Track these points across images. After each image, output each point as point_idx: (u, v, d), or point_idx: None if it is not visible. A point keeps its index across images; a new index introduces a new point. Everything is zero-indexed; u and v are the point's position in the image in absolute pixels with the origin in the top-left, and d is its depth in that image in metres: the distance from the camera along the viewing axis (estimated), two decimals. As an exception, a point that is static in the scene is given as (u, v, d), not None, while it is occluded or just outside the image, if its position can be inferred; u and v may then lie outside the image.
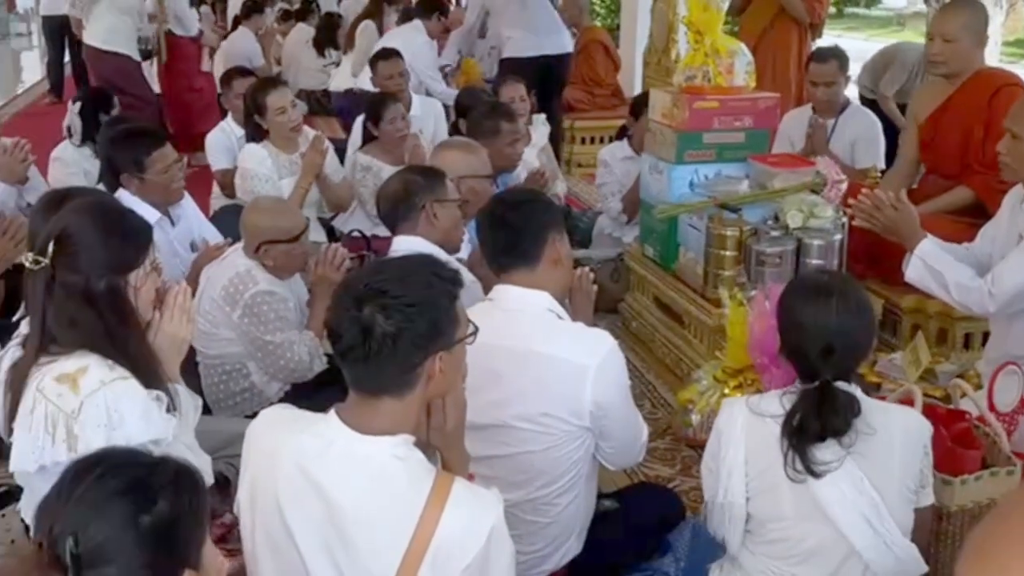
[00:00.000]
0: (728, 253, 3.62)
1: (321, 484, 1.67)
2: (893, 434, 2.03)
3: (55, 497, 1.36)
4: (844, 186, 3.70)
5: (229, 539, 2.74)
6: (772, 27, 6.27)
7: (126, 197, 3.41)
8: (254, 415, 2.63)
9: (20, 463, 2.03)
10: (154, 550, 1.33)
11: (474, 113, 4.34)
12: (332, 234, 4.80)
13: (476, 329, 1.80)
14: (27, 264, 2.03)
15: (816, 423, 1.97)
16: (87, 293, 2.01)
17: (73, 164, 4.37)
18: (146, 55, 7.01)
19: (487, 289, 2.47)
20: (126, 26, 6.64)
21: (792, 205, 3.55)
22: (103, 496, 1.34)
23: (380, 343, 1.64)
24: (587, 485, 2.37)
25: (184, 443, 2.17)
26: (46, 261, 2.01)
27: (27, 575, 1.32)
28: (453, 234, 3.10)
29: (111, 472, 1.36)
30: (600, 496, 2.52)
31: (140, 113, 6.57)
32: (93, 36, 6.58)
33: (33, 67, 12.73)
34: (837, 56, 4.65)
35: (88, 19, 6.59)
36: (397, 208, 3.05)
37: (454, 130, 5.04)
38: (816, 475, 1.97)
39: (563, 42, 6.76)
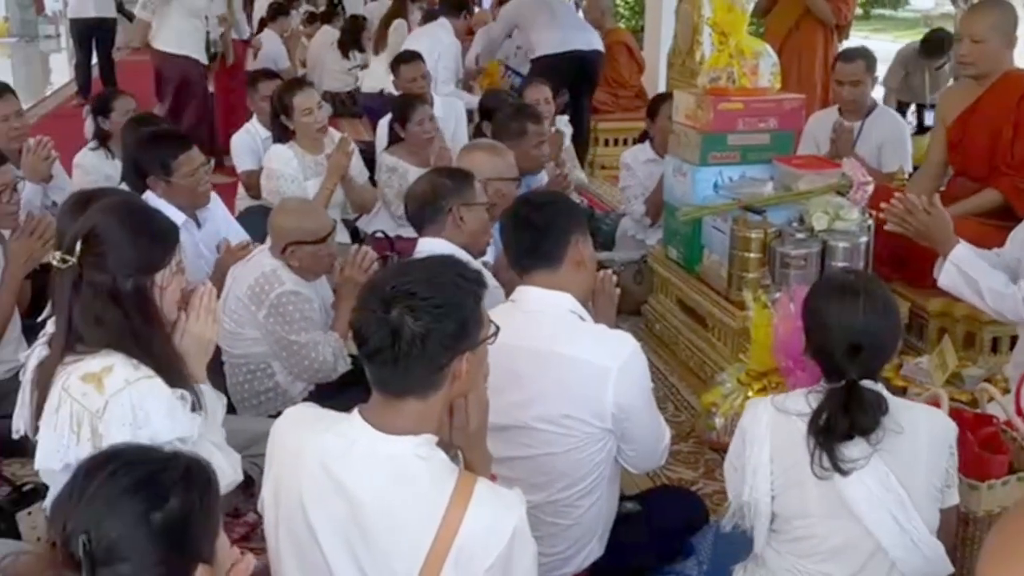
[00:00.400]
0: (752, 255, 3.60)
1: (344, 483, 1.68)
2: (919, 432, 2.02)
3: (68, 495, 1.37)
4: (870, 188, 3.66)
5: (252, 538, 2.75)
6: (797, 28, 6.23)
7: (152, 199, 3.44)
8: (278, 415, 2.64)
9: (45, 461, 2.05)
10: (167, 546, 1.34)
11: (500, 115, 4.34)
12: (356, 235, 4.82)
13: (497, 329, 1.80)
14: (55, 263, 2.05)
15: (844, 421, 1.97)
16: (113, 292, 2.03)
17: (93, 170, 4.40)
18: (212, 58, 7.08)
19: (509, 295, 2.47)
20: (196, 29, 6.71)
21: (817, 207, 3.52)
22: (115, 493, 1.34)
23: (409, 344, 1.64)
24: (609, 488, 2.36)
25: (212, 441, 2.19)
26: (73, 260, 2.03)
27: (42, 573, 1.32)
28: (480, 237, 3.10)
29: (122, 469, 1.37)
30: (623, 499, 2.52)
31: (198, 116, 6.66)
32: (164, 40, 6.63)
33: (61, 69, 12.87)
34: (864, 56, 4.62)
35: (158, 23, 6.63)
36: (424, 210, 3.05)
37: (477, 132, 5.04)
38: (844, 472, 1.97)
39: (593, 39, 6.81)
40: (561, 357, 2.21)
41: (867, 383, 2.02)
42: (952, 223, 2.96)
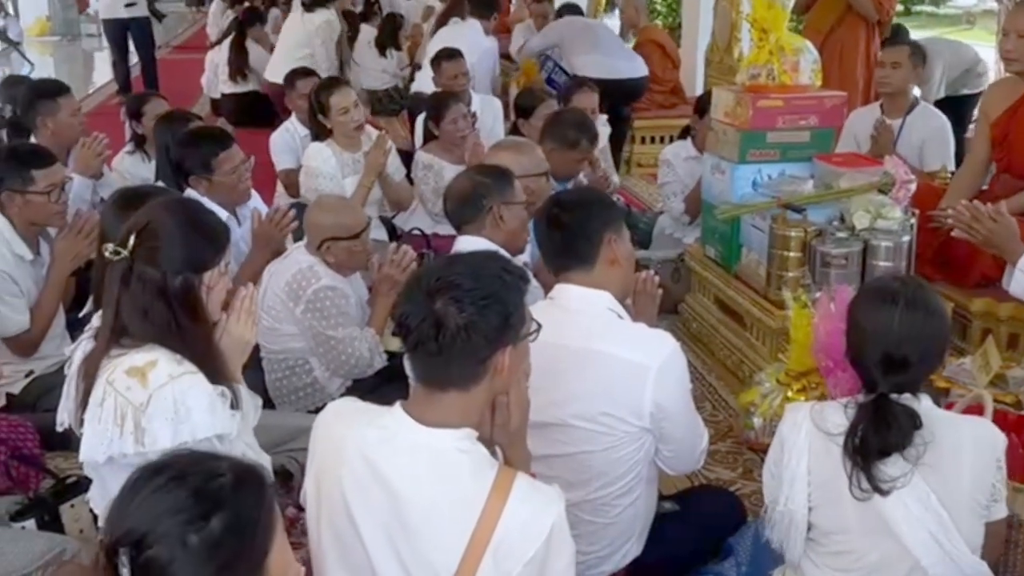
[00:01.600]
0: (792, 254, 3.56)
1: (385, 475, 1.69)
2: (963, 447, 1.96)
3: (118, 503, 1.36)
4: (913, 187, 3.61)
5: (292, 532, 2.77)
6: (839, 25, 6.13)
7: (194, 197, 3.47)
8: (316, 410, 2.67)
9: (89, 454, 2.08)
10: (209, 561, 1.32)
11: (559, 118, 4.31)
12: (393, 232, 4.83)
13: (539, 326, 1.81)
14: (107, 255, 2.07)
15: (875, 439, 1.92)
16: (162, 288, 2.05)
17: (129, 174, 4.44)
18: None
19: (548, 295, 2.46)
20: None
21: (859, 206, 3.48)
22: (159, 510, 1.33)
23: (453, 336, 1.65)
24: (648, 488, 2.35)
25: (245, 442, 2.20)
26: (126, 253, 2.05)
27: None
28: (518, 236, 3.09)
29: (171, 483, 1.35)
30: (661, 498, 2.51)
31: None
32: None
33: (103, 67, 13.00)
34: (910, 44, 4.58)
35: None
36: (464, 208, 3.05)
37: (514, 130, 5.04)
38: (883, 492, 1.92)
39: (639, 66, 6.74)
40: (600, 355, 2.20)
41: (904, 397, 1.96)
42: (1019, 230, 2.90)
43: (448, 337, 1.66)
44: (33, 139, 4.09)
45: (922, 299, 1.99)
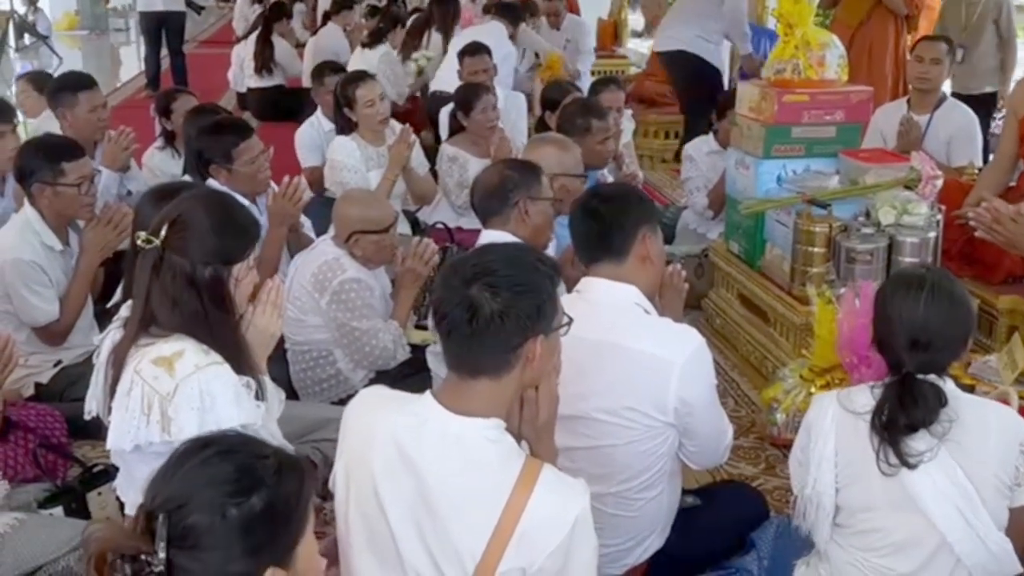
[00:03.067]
0: (817, 250, 3.55)
1: (414, 461, 1.71)
2: (988, 426, 2.00)
3: (163, 471, 1.40)
4: (939, 182, 3.60)
5: (315, 521, 2.79)
6: (868, 20, 6.08)
7: (215, 187, 3.49)
8: (340, 402, 2.68)
9: (116, 442, 2.10)
10: (241, 539, 1.35)
11: (565, 111, 4.32)
12: (417, 226, 4.85)
13: (571, 320, 1.83)
14: (139, 243, 2.10)
15: (902, 415, 1.96)
16: (191, 277, 2.08)
17: (159, 171, 4.47)
18: None
19: (571, 290, 2.47)
20: None
21: (885, 201, 3.47)
22: (203, 480, 1.37)
23: (487, 321, 1.68)
24: (671, 483, 2.36)
25: (269, 432, 2.22)
26: (157, 242, 2.08)
27: (122, 542, 1.36)
28: (543, 232, 3.08)
29: (217, 457, 1.39)
30: (683, 492, 2.51)
31: None
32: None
33: (131, 62, 13.12)
34: (948, 41, 4.55)
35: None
36: (491, 201, 3.05)
37: (541, 123, 5.04)
38: (911, 466, 1.95)
39: (672, 39, 6.67)
40: (625, 349, 2.20)
41: (930, 377, 2.00)
42: None
43: (482, 322, 1.68)
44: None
45: (947, 286, 2.05)
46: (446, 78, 6.19)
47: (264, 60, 8.55)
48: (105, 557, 1.34)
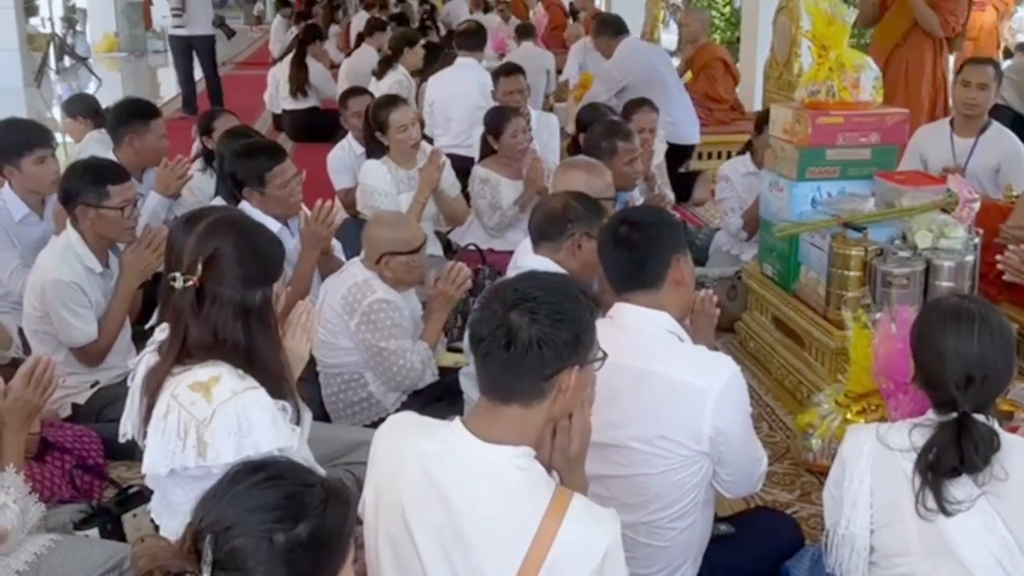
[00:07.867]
0: (852, 273, 3.51)
1: (442, 488, 1.71)
2: None
3: (212, 492, 1.42)
4: (977, 206, 3.55)
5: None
6: (904, 42, 6.00)
7: (248, 209, 3.52)
8: (372, 424, 2.68)
9: (152, 466, 2.11)
10: (286, 566, 1.36)
11: (591, 133, 4.33)
12: (449, 247, 4.87)
13: (605, 355, 1.82)
14: (176, 286, 2.11)
15: (955, 456, 1.90)
16: (240, 305, 2.10)
17: (199, 191, 4.51)
18: None
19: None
20: None
21: (921, 225, 3.43)
22: (251, 504, 1.38)
23: (525, 347, 1.68)
24: (704, 512, 2.33)
25: (302, 456, 2.23)
26: (194, 279, 2.09)
27: (167, 560, 1.37)
28: (590, 270, 3.05)
29: (267, 482, 1.40)
30: (716, 520, 2.48)
31: None
32: None
33: (169, 83, 13.30)
34: (994, 64, 4.51)
35: None
36: (549, 227, 3.04)
37: (574, 144, 5.05)
38: (948, 513, 1.90)
39: (692, 133, 6.66)
40: (658, 377, 2.19)
41: (979, 417, 1.94)
42: None
43: (519, 348, 1.68)
44: (113, 154, 4.18)
45: (995, 317, 2.00)
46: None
47: (299, 83, 8.65)
48: (153, 574, 1.36)
